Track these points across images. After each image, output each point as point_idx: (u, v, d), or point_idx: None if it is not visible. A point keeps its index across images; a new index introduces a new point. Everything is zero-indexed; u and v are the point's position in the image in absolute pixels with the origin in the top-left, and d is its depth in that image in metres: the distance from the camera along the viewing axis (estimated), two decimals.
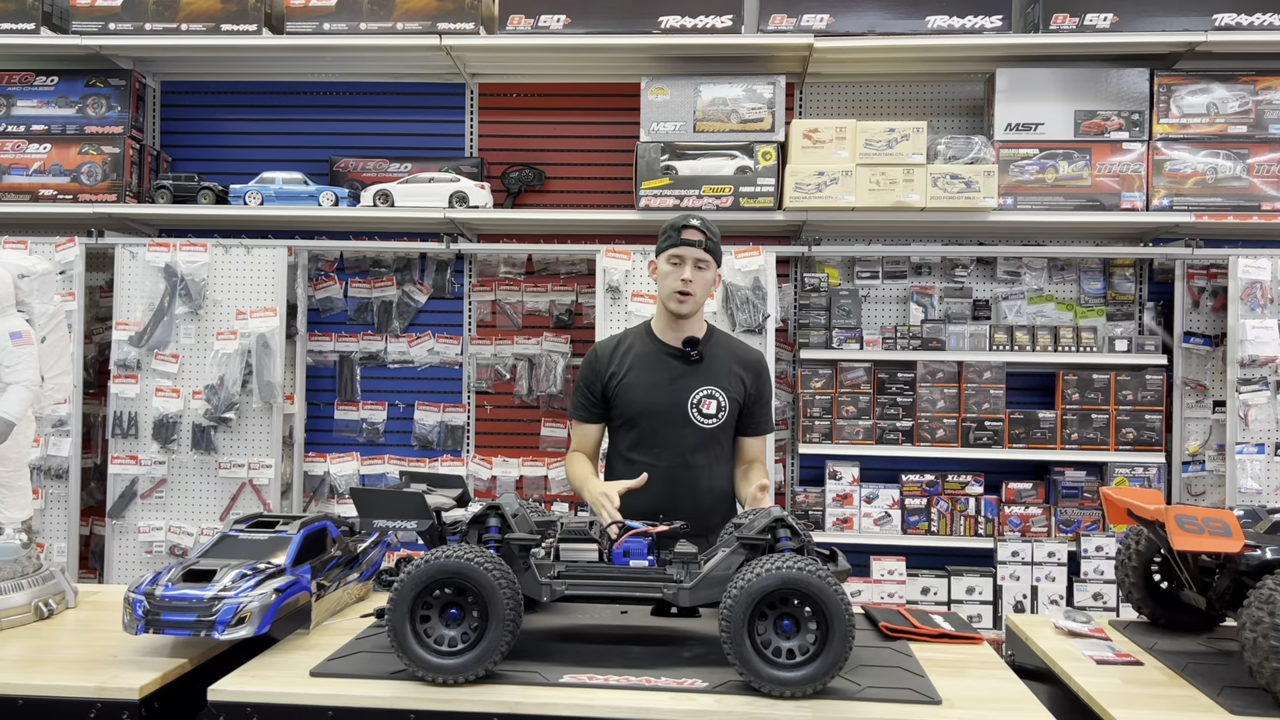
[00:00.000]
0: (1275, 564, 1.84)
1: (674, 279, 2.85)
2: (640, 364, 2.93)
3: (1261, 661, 1.71)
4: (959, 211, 4.28)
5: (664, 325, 2.97)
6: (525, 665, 1.91)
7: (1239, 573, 1.95)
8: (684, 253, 2.84)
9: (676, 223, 2.88)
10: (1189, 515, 1.87)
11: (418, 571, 1.82)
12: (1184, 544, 1.86)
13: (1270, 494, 4.29)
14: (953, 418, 4.54)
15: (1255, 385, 4.31)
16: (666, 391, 2.88)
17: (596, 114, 4.91)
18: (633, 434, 2.91)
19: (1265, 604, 1.72)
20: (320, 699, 1.80)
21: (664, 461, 2.87)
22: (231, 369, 4.48)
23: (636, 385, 2.91)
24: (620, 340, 3.03)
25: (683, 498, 2.80)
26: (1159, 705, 1.78)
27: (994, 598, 4.47)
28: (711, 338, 3.00)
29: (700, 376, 2.90)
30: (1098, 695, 1.81)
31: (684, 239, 2.84)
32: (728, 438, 2.95)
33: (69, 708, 1.81)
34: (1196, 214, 4.31)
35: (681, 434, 2.87)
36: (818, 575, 1.77)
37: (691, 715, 1.74)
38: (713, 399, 2.87)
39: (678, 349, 2.92)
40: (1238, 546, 1.86)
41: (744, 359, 2.99)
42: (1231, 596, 2.01)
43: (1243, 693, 1.80)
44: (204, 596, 1.94)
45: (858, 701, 1.77)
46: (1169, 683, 1.91)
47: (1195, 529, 1.86)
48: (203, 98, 5.05)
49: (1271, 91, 4.35)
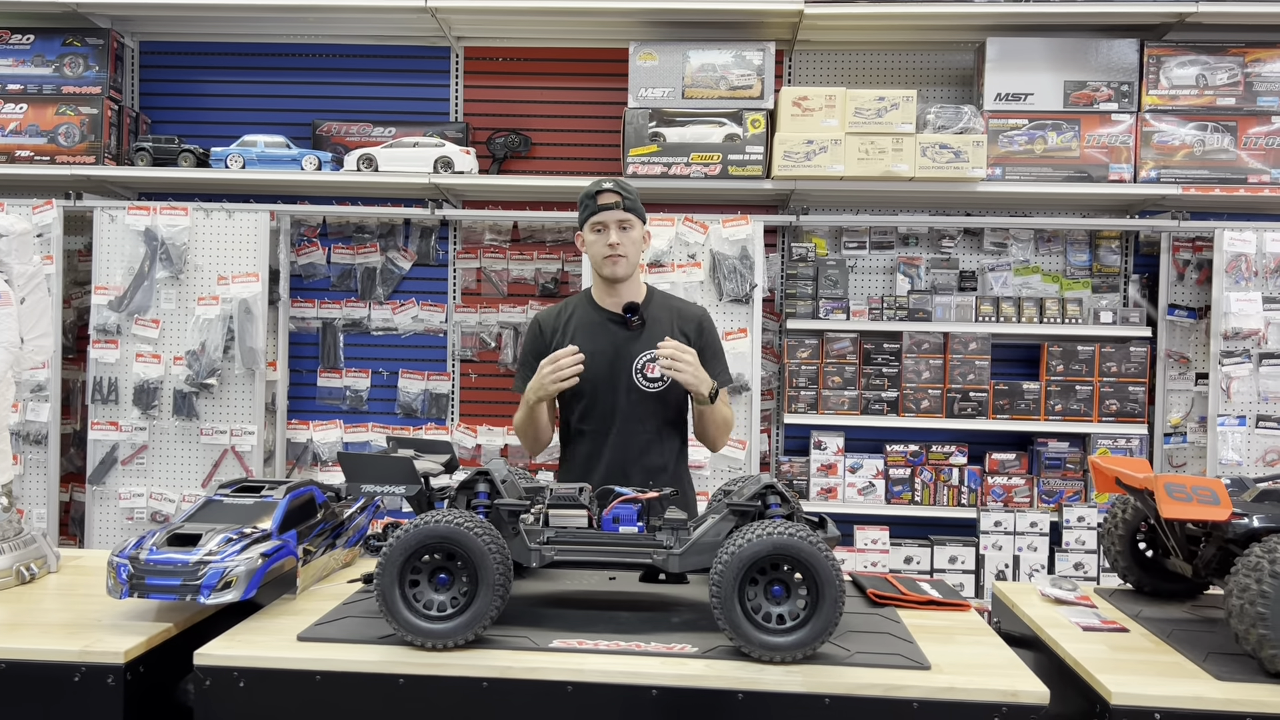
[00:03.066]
0: (1262, 532, 1.85)
1: (600, 245, 2.84)
2: (582, 332, 2.90)
3: (1248, 628, 1.72)
4: (948, 181, 4.26)
5: (603, 292, 2.95)
6: (514, 630, 1.90)
7: (1225, 541, 1.96)
8: (604, 218, 2.83)
9: (590, 190, 2.87)
10: (1178, 483, 1.87)
11: (407, 536, 1.80)
12: (1172, 511, 1.87)
13: (1251, 465, 4.33)
14: (938, 388, 4.55)
15: (1238, 358, 4.33)
16: (610, 359, 2.86)
17: (584, 79, 4.85)
18: (580, 404, 2.89)
19: (1252, 571, 1.73)
20: (308, 663, 1.78)
21: (613, 429, 2.86)
22: (213, 335, 4.43)
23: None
24: (562, 310, 3.01)
25: (633, 464, 2.81)
26: (1145, 671, 1.79)
27: (976, 567, 4.50)
28: (652, 299, 2.98)
29: (643, 340, 2.88)
30: (1084, 661, 1.82)
31: (601, 204, 2.82)
32: (677, 400, 2.92)
33: (53, 671, 1.79)
34: (1184, 186, 4.31)
35: (629, 400, 2.85)
36: (809, 541, 1.77)
37: (681, 680, 1.74)
38: (657, 362, 2.81)
39: (618, 315, 2.90)
40: (1225, 515, 1.87)
41: (684, 315, 2.97)
42: (1217, 564, 2.02)
43: (1228, 659, 1.81)
44: (189, 560, 1.92)
45: (847, 667, 1.77)
46: (1155, 649, 1.93)
47: (1184, 497, 1.87)
48: (182, 58, 4.96)
49: (1261, 64, 4.35)
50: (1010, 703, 1.68)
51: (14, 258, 2.27)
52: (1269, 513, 1.88)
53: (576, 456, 2.92)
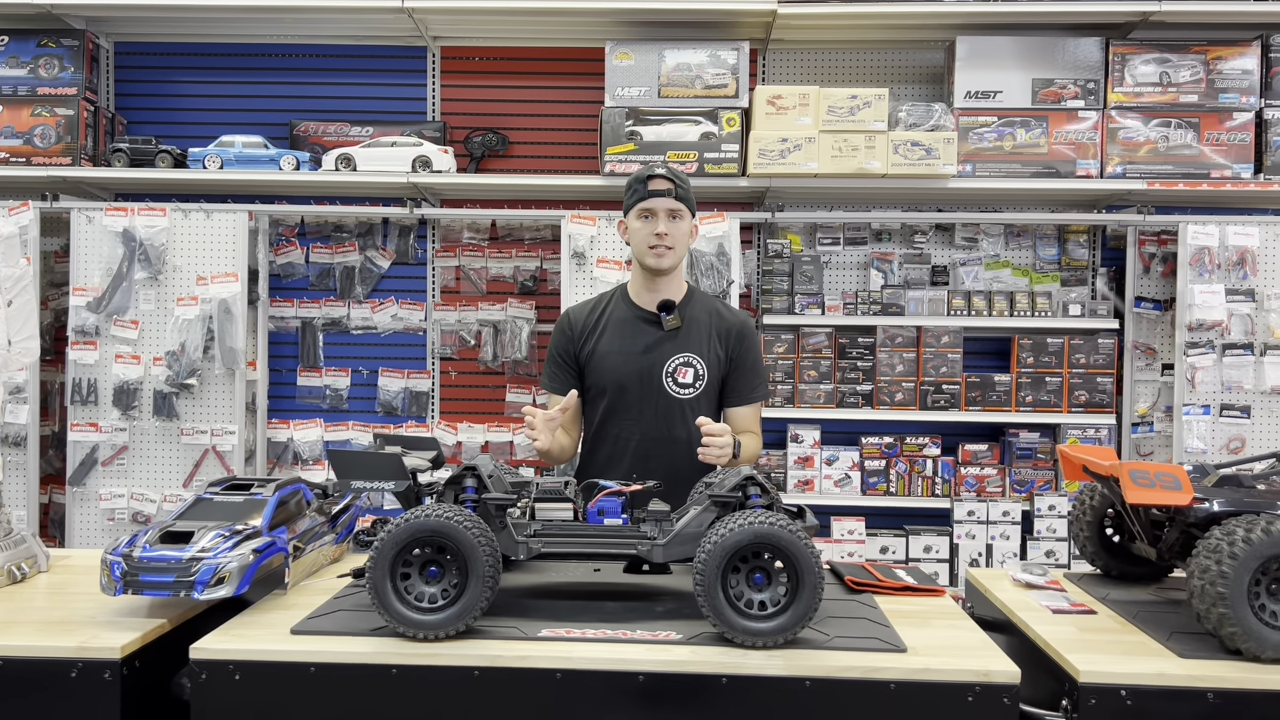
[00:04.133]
0: (1221, 516, 1.92)
1: (647, 233, 2.70)
2: (614, 330, 2.79)
3: (1209, 607, 1.79)
4: (920, 178, 4.34)
5: (640, 287, 2.82)
6: (503, 621, 1.95)
7: (1187, 525, 2.04)
8: (654, 204, 2.69)
9: (641, 174, 2.72)
10: (1142, 470, 1.95)
11: (398, 530, 1.85)
12: (1136, 497, 1.94)
13: (1215, 453, 4.44)
14: (911, 381, 4.64)
15: (1202, 348, 4.44)
16: (639, 360, 2.75)
17: (560, 78, 4.90)
18: (606, 405, 2.78)
19: (1212, 553, 1.81)
20: (302, 655, 1.83)
21: (638, 434, 2.76)
22: (193, 335, 4.44)
23: (609, 354, 2.78)
24: (595, 305, 2.88)
25: (658, 472, 2.58)
26: (1112, 650, 1.86)
27: (950, 556, 4.59)
28: (692, 299, 2.85)
29: (677, 343, 2.75)
30: (1054, 642, 1.89)
31: (652, 190, 2.68)
32: (708, 408, 2.79)
33: (50, 668, 1.82)
34: (1149, 181, 4.41)
35: (656, 405, 2.74)
36: (789, 530, 1.83)
37: (667, 665, 1.79)
38: (689, 367, 2.74)
39: (653, 314, 2.78)
40: (1187, 499, 1.94)
41: (724, 320, 2.83)
42: (1180, 548, 2.10)
43: (1190, 637, 1.89)
44: (182, 557, 1.96)
45: (827, 650, 1.83)
46: (1121, 630, 2.00)
47: (1148, 483, 1.94)
48: (157, 59, 4.96)
49: (1222, 61, 4.45)
50: (983, 682, 1.75)
51: (0, 260, 2.29)
52: (1228, 497, 1.95)
53: (597, 458, 2.81)
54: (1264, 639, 1.76)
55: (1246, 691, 1.74)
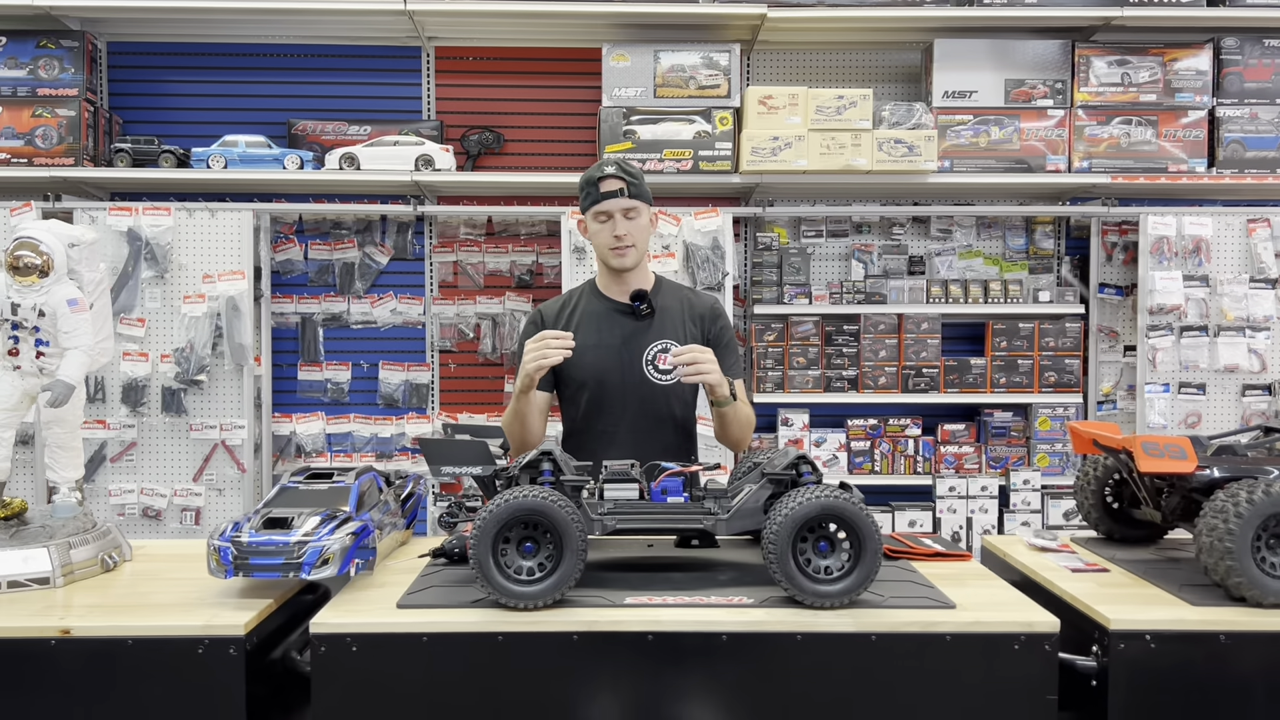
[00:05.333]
0: (1221, 481, 2.18)
1: (606, 235, 2.72)
2: (589, 324, 2.81)
3: (1217, 561, 2.05)
4: (903, 174, 4.59)
5: (608, 281, 2.85)
6: (588, 592, 2.13)
7: (1189, 490, 2.29)
8: (608, 206, 2.70)
9: (592, 175, 2.71)
10: (1153, 442, 2.20)
11: (499, 510, 2.02)
12: (1149, 466, 2.19)
13: (1174, 428, 4.77)
14: (893, 366, 4.90)
15: (1162, 331, 4.76)
16: (619, 351, 2.79)
17: (556, 77, 5.05)
18: (588, 399, 2.80)
19: (1219, 513, 2.06)
20: (414, 626, 1.99)
21: (624, 425, 2.79)
22: (200, 332, 4.53)
23: (587, 347, 2.76)
24: (566, 301, 2.91)
25: (652, 456, 2.61)
26: (1133, 601, 2.11)
27: (933, 529, 4.87)
28: (661, 288, 2.89)
29: (653, 331, 2.80)
30: (1082, 596, 2.13)
31: (603, 191, 2.68)
32: (689, 393, 2.85)
33: (178, 645, 1.96)
34: (1112, 175, 4.72)
35: (639, 393, 2.79)
36: (852, 503, 2.05)
37: (747, 626, 1.99)
38: (668, 352, 2.72)
39: (626, 305, 2.81)
40: (1192, 468, 2.20)
41: (695, 304, 2.88)
42: (1182, 511, 2.36)
43: (1198, 588, 2.14)
44: (289, 541, 2.10)
45: (885, 609, 2.05)
46: (1135, 584, 2.25)
47: (1158, 454, 2.19)
48: (152, 58, 5.01)
49: (1178, 63, 4.77)
50: (1028, 632, 1.98)
51: (84, 265, 2.41)
52: (1227, 464, 2.22)
53: (581, 452, 2.73)
54: (1266, 587, 2.02)
55: (1253, 633, 1.99)
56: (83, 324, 2.35)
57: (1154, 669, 1.99)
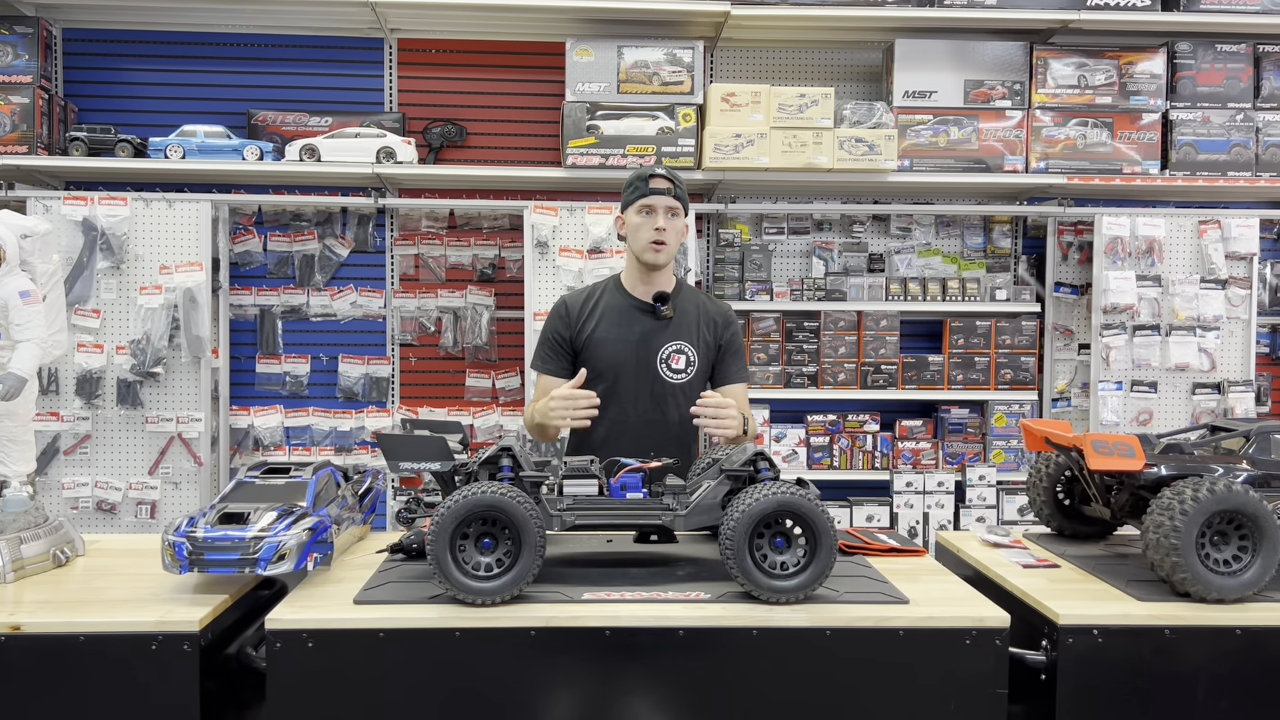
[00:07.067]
0: (1169, 479, 2.23)
1: (647, 229, 2.89)
2: (610, 317, 2.98)
3: (1163, 557, 2.09)
4: (863, 173, 4.63)
5: (635, 279, 3.02)
6: (546, 587, 2.14)
7: (1138, 487, 2.34)
8: (654, 202, 2.89)
9: (642, 173, 2.91)
10: (1102, 440, 2.24)
11: (457, 506, 2.02)
12: (1098, 464, 2.23)
13: (1126, 425, 4.86)
14: (853, 363, 4.94)
15: (1115, 329, 4.84)
16: (636, 346, 2.95)
17: (519, 71, 5.04)
18: (602, 390, 2.92)
19: (1165, 510, 2.10)
20: (370, 623, 1.99)
21: (633, 417, 2.94)
22: (157, 324, 4.47)
23: (606, 340, 2.97)
24: (590, 293, 3.07)
25: (653, 451, 2.76)
26: (1081, 597, 2.16)
27: (891, 524, 4.92)
28: (680, 291, 3.06)
29: (670, 332, 2.96)
30: (1032, 592, 2.18)
31: (653, 188, 2.88)
32: (697, 392, 2.94)
33: (131, 642, 1.95)
34: (1068, 176, 4.79)
35: (651, 389, 2.94)
36: (808, 499, 2.07)
37: (703, 621, 2.01)
38: (681, 354, 2.94)
39: (648, 304, 2.98)
40: (1140, 465, 2.24)
41: (710, 311, 3.06)
42: (1130, 508, 2.41)
43: (1144, 584, 2.19)
44: (245, 536, 2.09)
45: (841, 604, 2.08)
46: (1084, 580, 2.30)
47: (1107, 451, 2.23)
48: (107, 46, 4.93)
49: (1133, 66, 4.85)
50: (979, 627, 2.02)
51: (37, 257, 2.37)
52: (1174, 463, 2.27)
53: (592, 441, 2.94)
54: (1209, 583, 2.07)
55: (1197, 628, 2.05)
56: (35, 316, 2.31)
57: (1102, 663, 2.04)
